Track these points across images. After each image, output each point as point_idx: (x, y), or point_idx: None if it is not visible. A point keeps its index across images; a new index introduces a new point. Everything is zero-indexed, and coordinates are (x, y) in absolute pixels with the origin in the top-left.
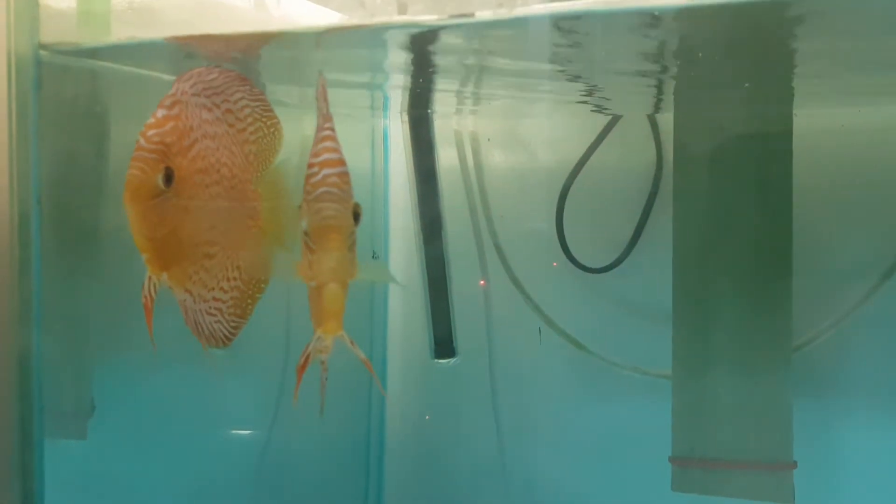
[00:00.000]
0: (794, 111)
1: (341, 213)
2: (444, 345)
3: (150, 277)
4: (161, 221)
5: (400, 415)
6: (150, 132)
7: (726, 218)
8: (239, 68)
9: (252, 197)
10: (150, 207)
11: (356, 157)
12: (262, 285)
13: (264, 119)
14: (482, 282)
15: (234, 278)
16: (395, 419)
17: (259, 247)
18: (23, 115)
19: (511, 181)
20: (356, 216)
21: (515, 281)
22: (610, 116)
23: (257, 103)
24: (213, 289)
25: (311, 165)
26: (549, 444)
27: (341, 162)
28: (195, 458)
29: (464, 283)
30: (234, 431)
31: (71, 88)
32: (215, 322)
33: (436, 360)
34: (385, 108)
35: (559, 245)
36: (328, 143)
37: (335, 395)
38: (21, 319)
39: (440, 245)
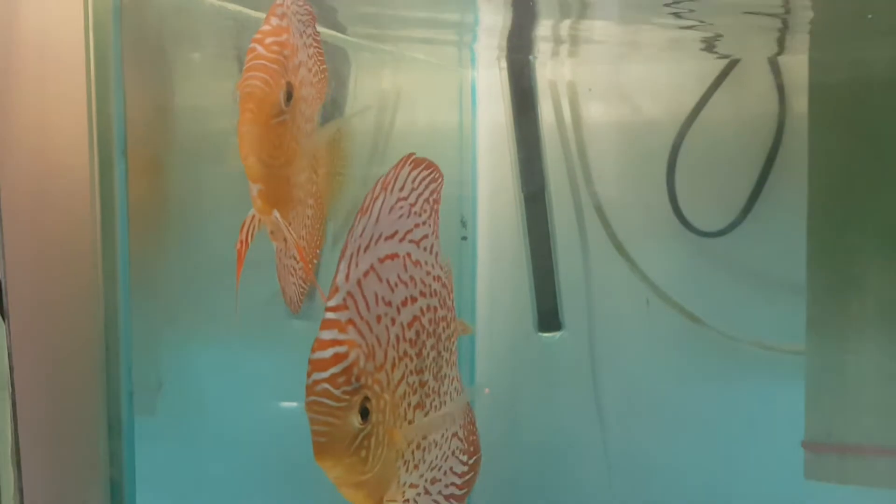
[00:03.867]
0: None
1: (332, 429)
2: (549, 317)
3: (252, 218)
4: (279, 146)
5: (491, 392)
6: (269, 39)
7: (872, 172)
8: None
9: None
10: (271, 127)
11: (442, 114)
12: (315, 259)
13: (318, 63)
14: None
15: (302, 237)
16: (484, 396)
17: (322, 210)
18: (102, 50)
19: (613, 136)
20: (364, 414)
21: (619, 246)
22: (725, 61)
23: (318, 45)
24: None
25: (309, 360)
26: (658, 427)
27: (337, 359)
28: (272, 438)
29: (559, 249)
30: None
31: (154, 21)
32: (293, 283)
33: (540, 334)
34: (472, 56)
35: (670, 206)
36: (325, 335)
37: None
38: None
39: (543, 208)
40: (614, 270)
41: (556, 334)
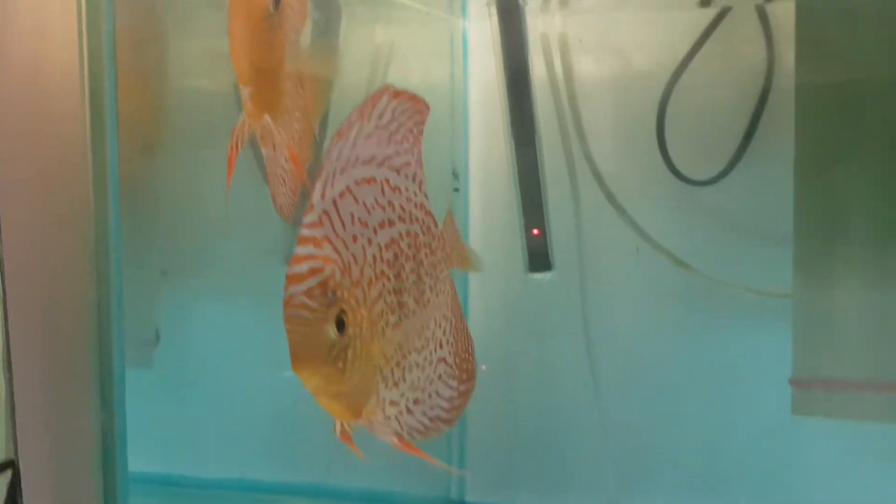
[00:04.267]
0: None
1: (307, 339)
2: (539, 257)
3: (242, 122)
4: (270, 49)
5: (481, 337)
6: None
7: (859, 117)
8: None
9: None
10: (260, 30)
11: (432, 67)
12: (307, 164)
13: None
14: None
15: (290, 148)
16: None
17: (309, 125)
18: None
19: (604, 86)
20: (340, 326)
21: (609, 195)
22: (715, 10)
23: None
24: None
25: (286, 275)
26: (648, 366)
27: (313, 272)
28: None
29: (550, 197)
30: None
31: None
32: (283, 192)
33: (530, 274)
34: (464, 5)
35: (660, 154)
36: (301, 250)
37: None
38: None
39: (533, 151)
40: (604, 217)
41: (547, 275)
